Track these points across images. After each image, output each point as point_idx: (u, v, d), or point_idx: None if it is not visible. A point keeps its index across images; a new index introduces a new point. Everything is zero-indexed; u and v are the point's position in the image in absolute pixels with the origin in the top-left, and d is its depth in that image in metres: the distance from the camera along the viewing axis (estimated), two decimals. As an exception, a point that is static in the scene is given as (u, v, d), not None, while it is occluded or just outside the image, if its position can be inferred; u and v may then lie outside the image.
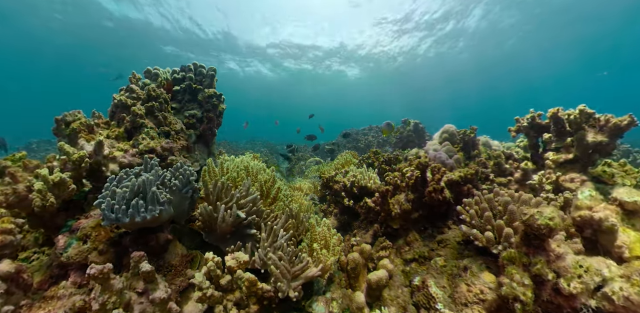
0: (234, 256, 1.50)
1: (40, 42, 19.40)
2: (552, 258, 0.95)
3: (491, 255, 1.54)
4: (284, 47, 20.20)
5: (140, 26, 16.42)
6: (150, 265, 1.30)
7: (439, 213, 2.09)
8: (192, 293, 1.48)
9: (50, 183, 1.51)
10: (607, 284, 0.84)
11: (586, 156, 2.18)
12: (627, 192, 1.01)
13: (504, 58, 21.80)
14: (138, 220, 1.38)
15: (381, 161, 3.24)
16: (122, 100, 2.35)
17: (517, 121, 2.68)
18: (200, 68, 3.07)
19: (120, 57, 20.75)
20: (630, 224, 1.01)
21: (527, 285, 0.92)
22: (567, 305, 0.90)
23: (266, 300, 1.47)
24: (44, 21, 15.78)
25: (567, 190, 2.00)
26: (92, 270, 1.12)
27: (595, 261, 0.91)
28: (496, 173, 2.55)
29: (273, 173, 2.20)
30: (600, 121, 2.14)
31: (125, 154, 2.09)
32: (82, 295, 1.36)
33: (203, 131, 2.92)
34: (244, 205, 1.76)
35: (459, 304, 1.40)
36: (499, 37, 17.89)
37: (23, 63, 28.09)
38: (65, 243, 1.49)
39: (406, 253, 1.92)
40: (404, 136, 6.85)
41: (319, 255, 1.68)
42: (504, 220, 1.54)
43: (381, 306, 1.63)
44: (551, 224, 0.90)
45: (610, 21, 15.75)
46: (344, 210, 2.70)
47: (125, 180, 1.55)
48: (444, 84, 31.46)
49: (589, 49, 21.14)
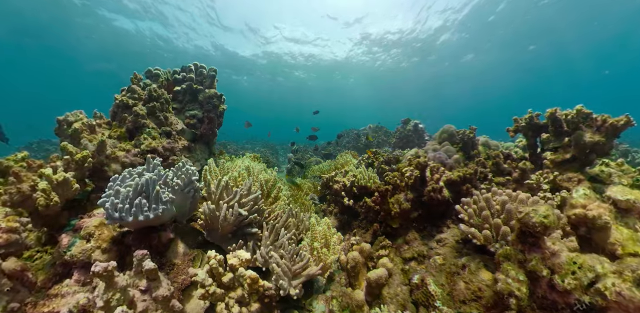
0: (236, 254, 1.52)
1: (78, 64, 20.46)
2: (547, 256, 0.97)
3: (489, 253, 1.57)
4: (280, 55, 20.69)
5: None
6: (153, 263, 1.32)
7: (438, 213, 2.11)
8: (194, 291, 1.51)
9: (54, 183, 1.53)
10: (600, 280, 0.86)
11: (584, 156, 2.20)
12: (620, 190, 1.04)
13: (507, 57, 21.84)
14: (141, 219, 1.40)
15: (381, 161, 3.27)
16: (123, 101, 2.37)
17: (516, 121, 2.70)
18: (201, 69, 3.10)
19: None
20: (623, 222, 1.03)
21: (522, 281, 0.94)
22: (562, 301, 0.92)
23: (267, 298, 1.49)
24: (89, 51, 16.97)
25: (565, 189, 2.02)
26: (97, 268, 1.14)
27: (589, 258, 0.93)
28: (495, 173, 2.57)
29: (274, 173, 2.22)
30: (598, 121, 2.16)
31: (128, 154, 2.11)
32: (86, 293, 1.38)
33: (204, 131, 2.94)
34: (245, 204, 1.78)
35: (457, 302, 1.42)
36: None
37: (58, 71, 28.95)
38: (68, 242, 1.51)
39: (405, 252, 1.94)
40: (404, 136, 6.87)
41: (319, 254, 1.70)
42: (502, 219, 1.56)
43: (381, 304, 1.65)
44: (546, 222, 0.92)
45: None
46: (344, 210, 2.72)
47: (128, 180, 1.57)
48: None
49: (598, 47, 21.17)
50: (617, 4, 14.08)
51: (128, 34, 17.21)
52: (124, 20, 15.60)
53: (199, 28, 16.87)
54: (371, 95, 39.22)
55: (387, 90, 32.55)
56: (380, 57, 20.83)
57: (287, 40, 18.92)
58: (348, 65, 22.53)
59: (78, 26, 16.16)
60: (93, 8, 14.43)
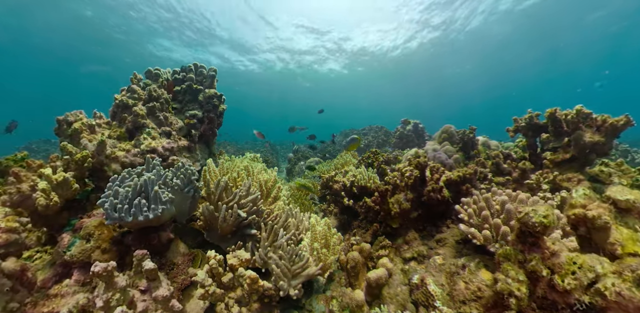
0: (236, 254, 1.52)
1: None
2: (547, 256, 0.97)
3: (489, 253, 1.57)
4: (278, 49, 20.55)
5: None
6: (152, 263, 1.32)
7: (437, 213, 2.11)
8: (194, 291, 1.51)
9: (53, 183, 1.53)
10: (600, 280, 0.86)
11: (583, 156, 2.20)
12: (620, 190, 1.04)
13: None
14: (141, 219, 1.40)
15: (381, 161, 3.26)
16: (123, 101, 2.37)
17: (515, 121, 2.70)
18: (200, 68, 3.09)
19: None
20: (623, 222, 1.03)
21: (522, 281, 0.94)
22: (562, 301, 0.92)
23: (267, 298, 1.49)
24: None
25: (565, 189, 2.02)
26: (97, 268, 1.14)
27: (589, 258, 0.93)
28: (495, 173, 2.57)
29: (274, 173, 2.22)
30: (597, 121, 2.17)
31: (127, 154, 2.11)
32: (86, 293, 1.38)
33: (204, 131, 2.94)
34: (244, 204, 1.78)
35: (457, 301, 1.42)
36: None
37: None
38: (68, 242, 1.51)
39: (405, 252, 1.94)
40: (404, 136, 6.87)
41: (319, 255, 1.70)
42: (501, 219, 1.56)
43: (381, 304, 1.65)
44: (545, 222, 0.92)
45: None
46: (344, 210, 2.72)
47: (127, 180, 1.57)
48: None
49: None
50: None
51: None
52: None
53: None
54: (371, 96, 39.18)
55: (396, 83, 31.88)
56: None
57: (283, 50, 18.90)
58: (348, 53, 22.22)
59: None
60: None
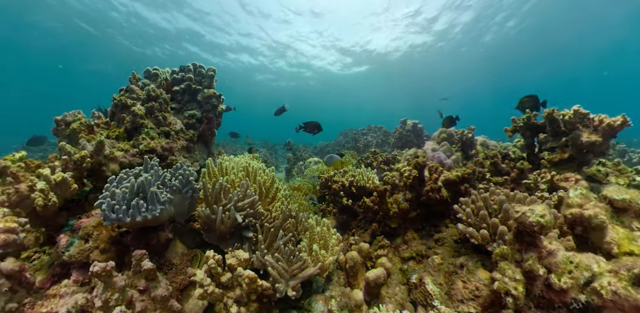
0: (235, 254, 1.52)
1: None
2: (543, 255, 0.98)
3: (487, 252, 1.57)
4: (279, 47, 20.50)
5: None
6: (151, 263, 1.32)
7: (436, 212, 2.11)
8: (192, 291, 1.51)
9: (52, 183, 1.53)
10: (596, 279, 0.87)
11: (581, 156, 2.21)
12: (616, 190, 1.05)
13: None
14: (139, 219, 1.40)
15: (380, 161, 3.27)
16: (122, 101, 2.37)
17: (514, 121, 2.71)
18: (199, 68, 3.09)
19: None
20: (619, 221, 1.04)
21: (519, 280, 0.95)
22: (558, 300, 0.92)
23: (266, 298, 1.49)
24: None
25: (562, 189, 2.03)
26: (95, 268, 1.14)
27: (585, 257, 0.94)
28: (493, 173, 2.58)
29: (272, 173, 2.22)
30: (595, 121, 2.18)
31: (126, 154, 2.11)
32: (85, 293, 1.38)
33: (202, 131, 2.94)
34: (242, 207, 1.78)
35: (455, 301, 1.42)
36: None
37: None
38: (67, 242, 1.51)
39: (404, 252, 1.94)
40: (403, 136, 6.89)
41: (317, 255, 1.70)
42: (499, 218, 1.57)
43: (379, 304, 1.66)
44: (542, 221, 0.93)
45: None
46: (343, 210, 2.72)
47: (125, 181, 1.57)
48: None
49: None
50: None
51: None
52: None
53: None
54: (371, 96, 39.17)
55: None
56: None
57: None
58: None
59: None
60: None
